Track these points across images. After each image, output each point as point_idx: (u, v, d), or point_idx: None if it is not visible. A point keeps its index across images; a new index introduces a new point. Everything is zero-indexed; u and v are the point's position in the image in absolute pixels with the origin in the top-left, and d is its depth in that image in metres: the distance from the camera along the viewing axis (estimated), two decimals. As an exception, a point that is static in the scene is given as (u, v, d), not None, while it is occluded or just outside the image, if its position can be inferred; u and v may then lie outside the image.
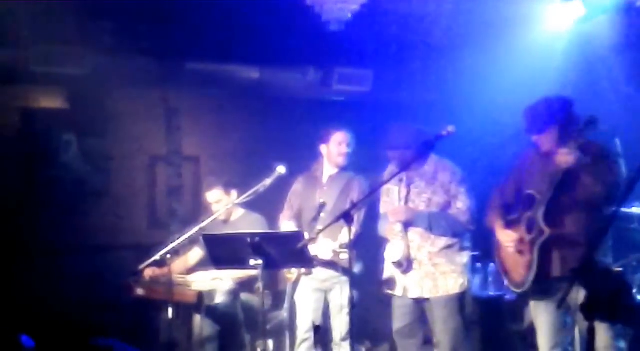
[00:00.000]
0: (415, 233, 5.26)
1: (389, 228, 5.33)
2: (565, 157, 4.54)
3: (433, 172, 5.29)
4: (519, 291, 4.86)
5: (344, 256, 5.25)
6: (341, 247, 5.39)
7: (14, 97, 6.85)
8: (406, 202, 5.29)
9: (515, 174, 5.02)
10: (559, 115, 4.70)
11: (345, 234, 5.00)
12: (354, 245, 5.12)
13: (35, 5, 5.72)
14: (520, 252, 4.80)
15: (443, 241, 5.25)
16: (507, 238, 4.88)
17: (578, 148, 4.52)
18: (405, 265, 5.24)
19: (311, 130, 5.98)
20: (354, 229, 4.76)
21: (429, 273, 5.24)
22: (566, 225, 4.66)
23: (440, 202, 5.25)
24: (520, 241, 4.80)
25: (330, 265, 5.58)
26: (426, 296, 5.27)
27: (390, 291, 5.41)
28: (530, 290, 4.76)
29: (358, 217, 5.46)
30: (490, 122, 6.85)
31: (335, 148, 5.75)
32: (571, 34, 6.34)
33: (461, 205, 5.25)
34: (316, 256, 5.37)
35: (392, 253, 5.27)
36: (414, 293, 5.28)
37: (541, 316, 4.90)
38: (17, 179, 6.84)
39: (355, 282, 5.12)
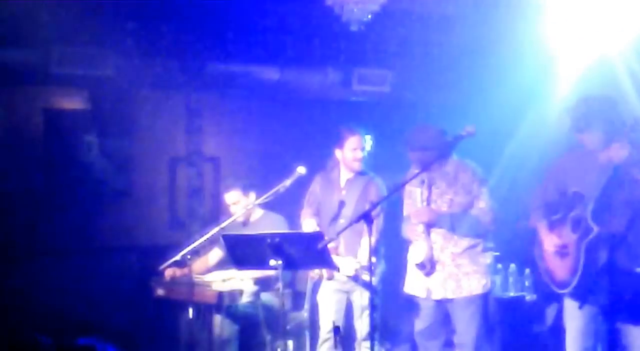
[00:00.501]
0: (437, 234, 5.23)
1: (412, 229, 5.30)
2: (618, 152, 4.49)
3: (454, 172, 5.26)
4: (562, 291, 4.80)
5: (366, 277, 5.24)
6: (362, 268, 5.38)
7: (36, 98, 6.89)
8: (428, 203, 5.26)
9: (557, 173, 4.97)
10: (604, 113, 4.65)
11: (365, 247, 4.95)
12: (374, 252, 5.09)
13: (57, 6, 5.75)
14: (563, 255, 4.76)
15: (466, 241, 5.22)
16: (550, 244, 4.84)
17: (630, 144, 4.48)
18: (429, 266, 5.21)
19: (331, 131, 5.95)
20: (373, 239, 4.64)
21: (452, 274, 5.22)
22: (613, 223, 4.59)
23: (462, 203, 5.22)
24: (563, 246, 4.76)
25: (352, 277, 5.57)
26: (449, 297, 5.24)
27: (412, 293, 5.39)
28: (573, 290, 4.70)
29: (377, 223, 5.22)
30: (510, 123, 6.81)
31: (350, 153, 5.67)
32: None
33: (483, 205, 5.22)
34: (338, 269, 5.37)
35: (415, 254, 5.25)
36: (437, 295, 5.26)
37: (573, 318, 4.85)
38: (39, 180, 6.88)
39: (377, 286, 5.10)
